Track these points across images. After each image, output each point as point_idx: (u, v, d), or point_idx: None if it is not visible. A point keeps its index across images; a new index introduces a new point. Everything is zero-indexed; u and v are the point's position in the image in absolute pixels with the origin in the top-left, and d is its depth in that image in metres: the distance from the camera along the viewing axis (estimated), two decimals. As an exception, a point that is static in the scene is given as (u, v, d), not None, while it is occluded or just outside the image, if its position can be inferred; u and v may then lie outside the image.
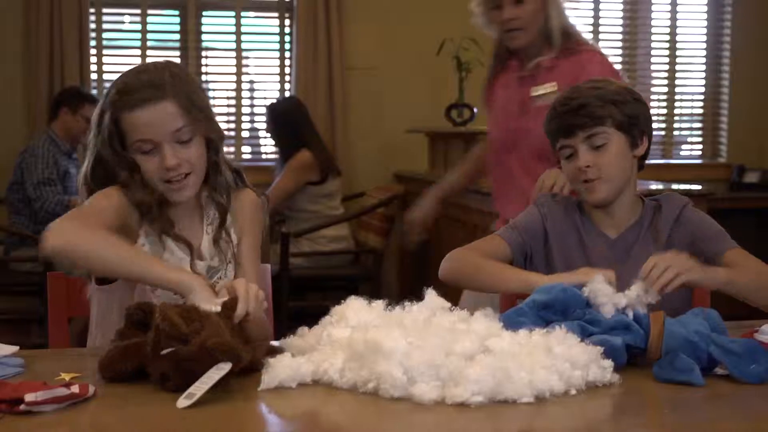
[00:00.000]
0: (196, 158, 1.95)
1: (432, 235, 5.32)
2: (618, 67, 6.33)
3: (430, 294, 1.84)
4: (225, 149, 2.08)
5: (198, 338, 1.55)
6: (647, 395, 1.60)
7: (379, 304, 1.79)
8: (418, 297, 1.85)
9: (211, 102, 5.93)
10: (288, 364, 1.61)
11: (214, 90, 5.96)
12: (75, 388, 1.51)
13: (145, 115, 1.88)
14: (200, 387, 1.52)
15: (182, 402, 1.51)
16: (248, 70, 5.95)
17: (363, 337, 1.59)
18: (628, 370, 1.66)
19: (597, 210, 2.17)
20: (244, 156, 5.92)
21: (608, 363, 1.61)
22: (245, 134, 5.96)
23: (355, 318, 1.73)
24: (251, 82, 6.05)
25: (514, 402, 1.49)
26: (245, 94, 5.93)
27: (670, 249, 2.09)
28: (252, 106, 5.99)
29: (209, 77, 5.90)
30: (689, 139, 6.69)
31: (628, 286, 1.83)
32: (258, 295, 1.72)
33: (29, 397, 1.44)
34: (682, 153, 6.63)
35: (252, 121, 6.02)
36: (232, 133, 5.85)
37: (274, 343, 1.80)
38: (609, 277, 1.85)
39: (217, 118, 2.05)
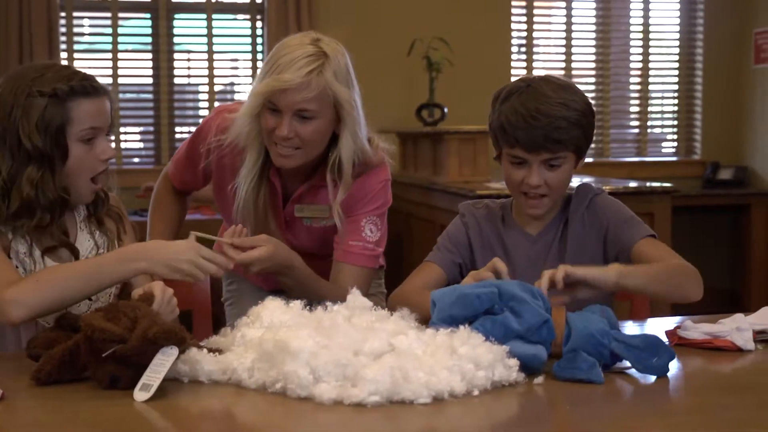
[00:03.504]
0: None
1: (404, 235, 5.33)
2: (591, 65, 6.40)
3: (354, 294, 1.85)
4: None
5: (136, 331, 1.56)
6: (551, 393, 1.60)
7: (296, 304, 1.80)
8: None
9: (195, 105, 5.98)
10: (194, 358, 1.63)
11: (186, 93, 5.96)
12: (-20, 392, 1.52)
13: (97, 104, 1.94)
14: (154, 377, 1.54)
15: (140, 395, 1.53)
16: (220, 72, 5.95)
17: (273, 336, 1.59)
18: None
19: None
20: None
21: (513, 362, 1.59)
22: (219, 136, 5.94)
23: (270, 318, 1.74)
24: (232, 84, 6.05)
25: (411, 403, 1.48)
26: (218, 96, 5.92)
27: (583, 237, 2.09)
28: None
29: (180, 80, 5.89)
30: (664, 137, 6.70)
31: None
32: (172, 300, 1.77)
33: (-70, 401, 1.45)
34: (656, 150, 6.64)
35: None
36: (205, 136, 5.82)
37: None
38: (500, 268, 1.87)
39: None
